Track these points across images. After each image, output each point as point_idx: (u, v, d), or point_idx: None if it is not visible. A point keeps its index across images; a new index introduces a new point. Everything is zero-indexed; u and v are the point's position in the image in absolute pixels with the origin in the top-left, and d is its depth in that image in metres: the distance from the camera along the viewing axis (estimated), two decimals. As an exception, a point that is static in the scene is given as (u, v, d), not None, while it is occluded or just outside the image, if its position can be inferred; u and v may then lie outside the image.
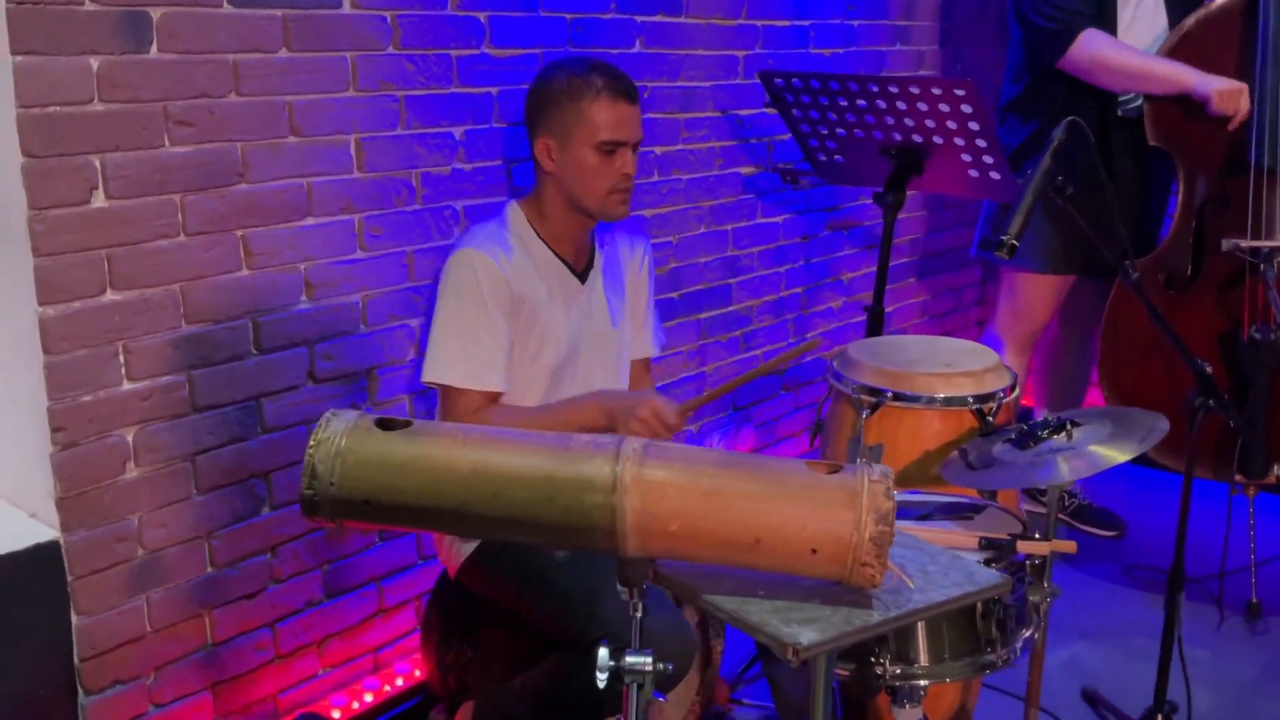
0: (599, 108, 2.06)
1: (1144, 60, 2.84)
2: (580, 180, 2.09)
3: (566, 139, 2.08)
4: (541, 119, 2.10)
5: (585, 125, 2.06)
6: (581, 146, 2.07)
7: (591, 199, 2.11)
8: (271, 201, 2.16)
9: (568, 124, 2.07)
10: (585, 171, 2.08)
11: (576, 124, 2.07)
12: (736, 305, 3.26)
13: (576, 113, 2.06)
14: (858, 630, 1.43)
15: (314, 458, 1.49)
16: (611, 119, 2.06)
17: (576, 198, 2.11)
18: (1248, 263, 2.83)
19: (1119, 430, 1.76)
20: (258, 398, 2.21)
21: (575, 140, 2.07)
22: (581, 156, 2.08)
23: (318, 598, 2.38)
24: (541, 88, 2.12)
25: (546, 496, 1.46)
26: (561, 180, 2.11)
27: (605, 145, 2.06)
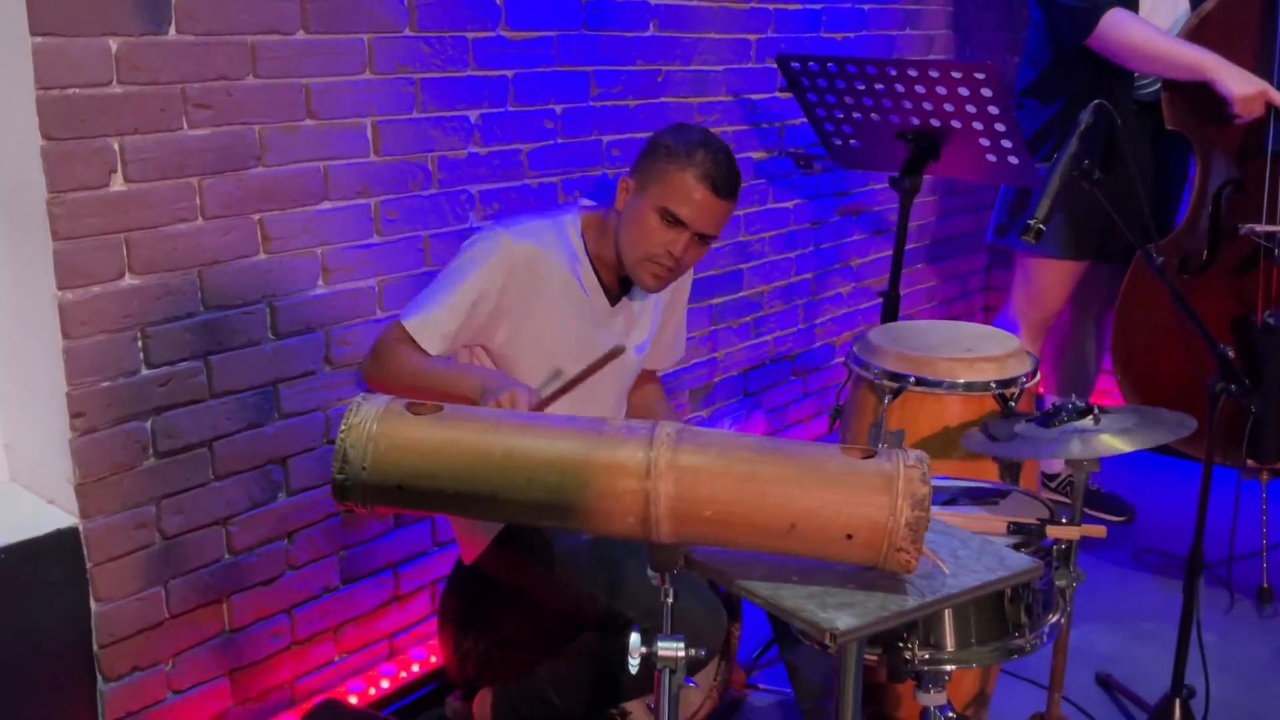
0: (685, 180, 2.01)
1: (1172, 44, 2.80)
2: (629, 231, 2.07)
3: (643, 190, 2.06)
4: (640, 161, 2.09)
5: (663, 186, 2.02)
6: (648, 201, 2.04)
7: (629, 254, 2.08)
8: (288, 185, 2.15)
9: (651, 176, 2.05)
10: (637, 226, 2.05)
11: (657, 181, 2.04)
12: (747, 291, 3.25)
13: (663, 172, 2.03)
14: (894, 615, 1.42)
15: (345, 442, 1.48)
16: (690, 197, 2.01)
17: (620, 246, 2.09)
18: (1263, 247, 2.83)
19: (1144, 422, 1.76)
20: (275, 383, 2.19)
21: (648, 194, 2.04)
22: (642, 210, 2.05)
23: (334, 584, 2.37)
24: (657, 138, 2.10)
25: (580, 481, 1.45)
26: (621, 227, 2.09)
27: (669, 214, 2.02)
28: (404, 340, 2.02)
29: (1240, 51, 2.83)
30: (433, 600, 2.58)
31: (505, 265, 2.03)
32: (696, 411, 3.17)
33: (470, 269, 2.03)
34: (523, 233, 2.07)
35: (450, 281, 2.04)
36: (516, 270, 2.04)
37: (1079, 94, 2.95)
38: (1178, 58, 2.80)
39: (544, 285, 2.08)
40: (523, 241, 2.05)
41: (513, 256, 2.03)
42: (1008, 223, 3.21)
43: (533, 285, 2.07)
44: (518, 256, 2.04)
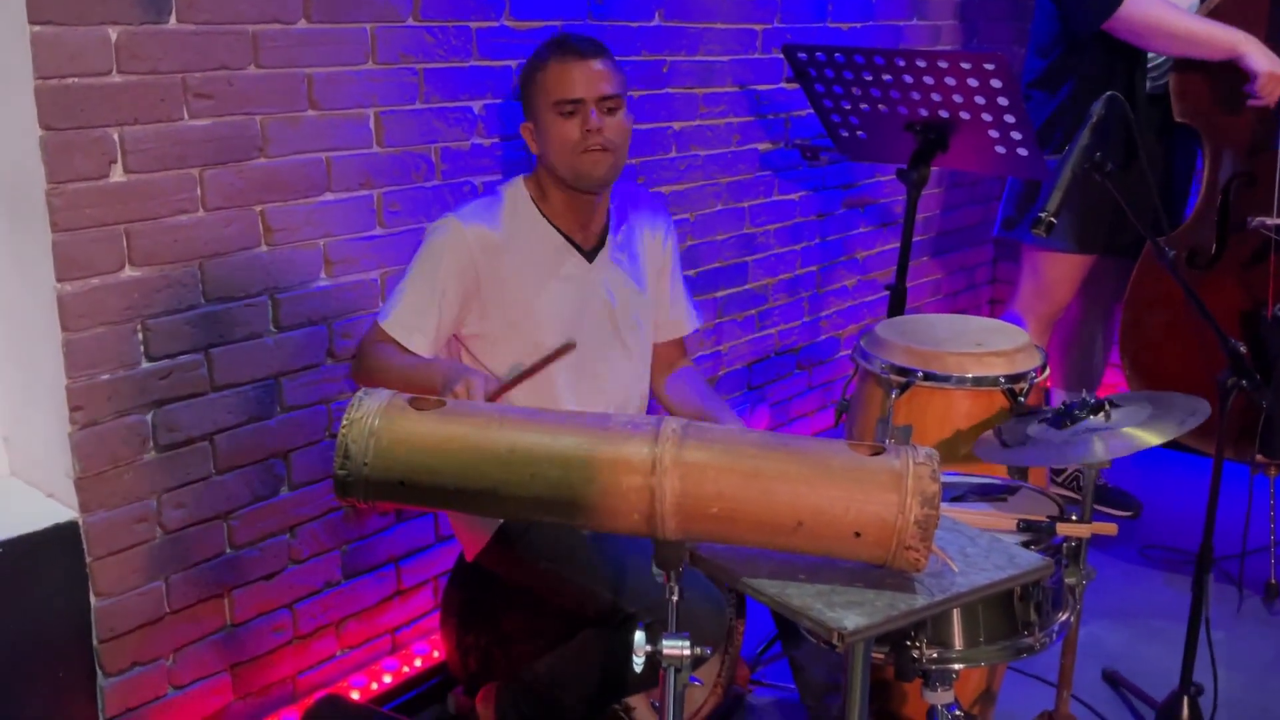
0: (548, 73, 2.05)
1: (1197, 21, 2.76)
2: (551, 151, 2.07)
3: (534, 112, 2.09)
4: (523, 104, 2.12)
5: (542, 93, 2.06)
6: (544, 116, 2.06)
7: (562, 165, 2.07)
8: (290, 176, 2.12)
9: (534, 100, 2.08)
10: (553, 140, 2.06)
11: (537, 95, 2.07)
12: (752, 284, 3.23)
13: (535, 85, 2.07)
14: (903, 615, 1.40)
15: (347, 437, 1.46)
16: (561, 79, 2.04)
17: (555, 169, 2.09)
18: (1273, 241, 2.80)
19: (1158, 413, 1.73)
20: (277, 376, 2.18)
21: (540, 110, 2.07)
22: (545, 126, 2.07)
23: (336, 578, 2.36)
24: (521, 75, 2.13)
25: (584, 478, 1.44)
26: (545, 159, 2.10)
27: (561, 106, 2.04)
28: (383, 341, 2.04)
29: None
30: (435, 595, 2.56)
31: (461, 251, 2.04)
32: (699, 405, 3.14)
33: (429, 262, 2.05)
34: (470, 215, 2.08)
35: (414, 277, 2.06)
36: (472, 253, 2.05)
37: (1089, 85, 2.92)
38: (1203, 35, 2.75)
39: (505, 260, 2.07)
40: (471, 223, 2.06)
41: (465, 240, 2.04)
42: (1015, 216, 3.18)
43: (492, 264, 2.07)
44: (470, 239, 2.04)
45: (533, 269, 2.11)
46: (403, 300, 2.05)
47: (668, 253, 2.33)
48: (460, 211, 2.09)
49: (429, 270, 2.05)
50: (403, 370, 1.98)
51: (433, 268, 2.05)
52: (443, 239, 2.06)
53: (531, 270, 2.11)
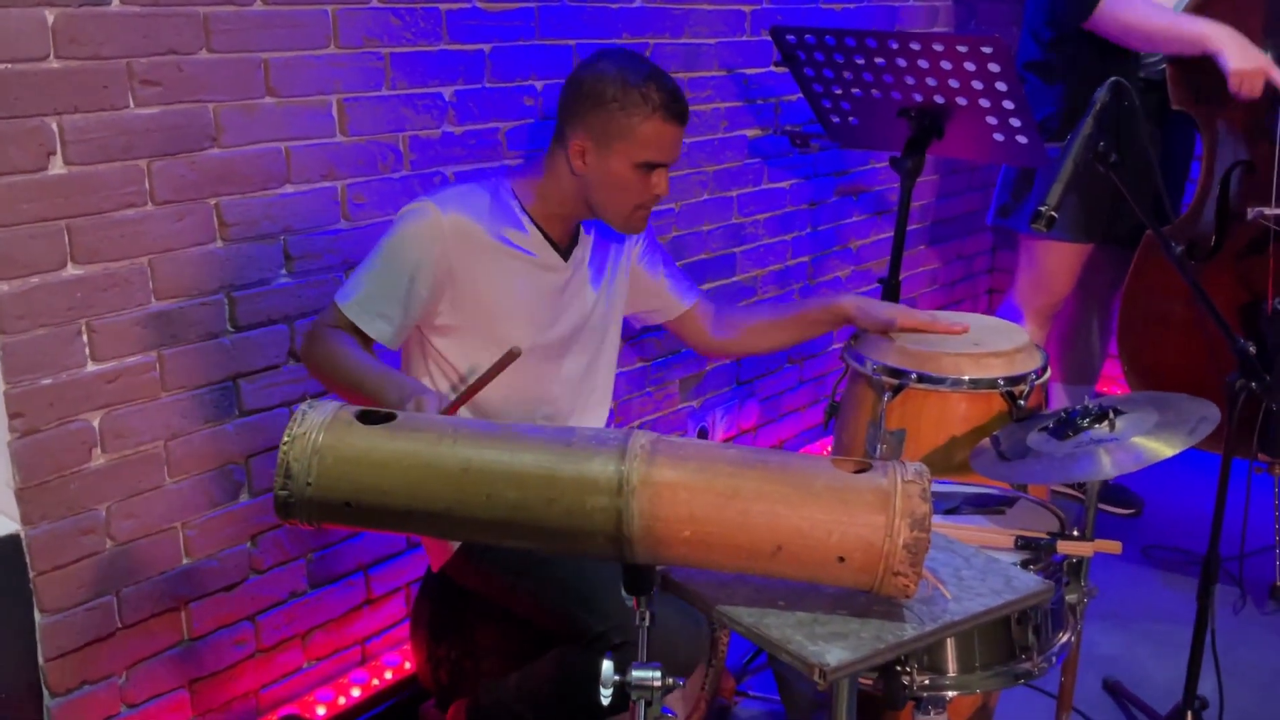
0: (651, 127, 1.90)
1: (1172, 18, 2.67)
2: (609, 193, 1.95)
3: (607, 149, 1.92)
4: (583, 117, 1.93)
5: (633, 141, 1.90)
6: (621, 160, 1.91)
7: (615, 214, 1.97)
8: (247, 167, 2.01)
9: (611, 134, 1.91)
10: (617, 186, 1.93)
11: (622, 137, 1.90)
12: (741, 276, 3.12)
13: (626, 126, 1.90)
14: (890, 648, 1.30)
15: (288, 455, 1.35)
16: (663, 141, 1.91)
17: (598, 207, 1.97)
18: (1273, 232, 2.68)
19: (1165, 420, 1.62)
20: (234, 378, 2.06)
21: (616, 152, 1.91)
22: (618, 170, 1.92)
23: (301, 588, 2.25)
24: (591, 84, 1.92)
25: (545, 498, 1.33)
26: (588, 185, 1.96)
27: (649, 165, 1.92)
28: (340, 325, 1.90)
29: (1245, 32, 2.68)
30: (407, 603, 2.45)
31: (437, 238, 1.91)
32: (687, 402, 3.04)
33: (400, 245, 1.91)
34: (450, 201, 1.94)
35: (382, 260, 1.92)
36: (448, 241, 1.91)
37: (1083, 70, 2.81)
38: (1178, 32, 2.67)
39: (481, 253, 1.95)
40: (451, 211, 1.92)
41: (442, 228, 1.91)
42: (1011, 203, 3.07)
43: (469, 255, 1.94)
44: (447, 227, 1.91)
45: (510, 266, 1.99)
46: (367, 283, 1.92)
47: (638, 248, 2.22)
48: (438, 196, 1.96)
49: (399, 254, 1.92)
50: (354, 370, 1.84)
51: (404, 252, 1.92)
52: (418, 224, 1.93)
53: (509, 267, 1.99)
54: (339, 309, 1.91)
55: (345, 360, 1.85)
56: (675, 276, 2.29)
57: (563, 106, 1.97)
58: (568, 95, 1.96)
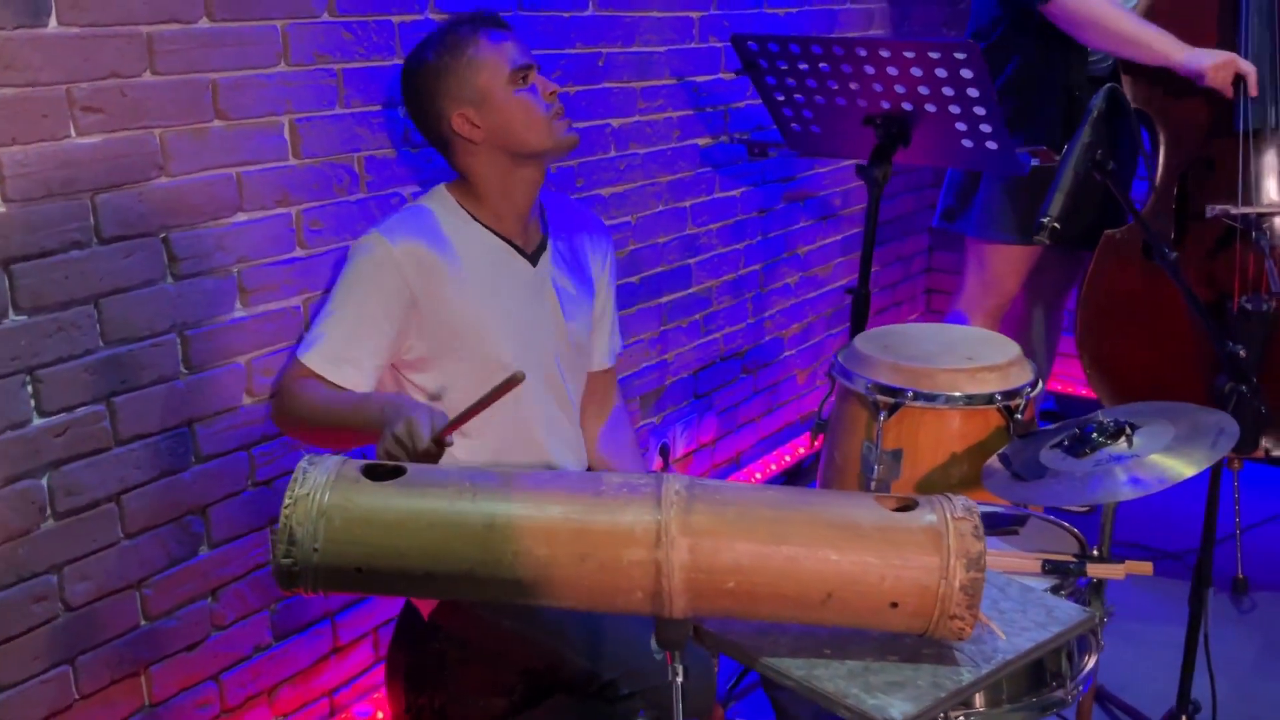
0: (487, 48, 1.87)
1: (1135, 24, 2.65)
2: (517, 124, 1.87)
3: (479, 94, 1.86)
4: (440, 94, 1.87)
5: (486, 69, 1.86)
6: (496, 92, 1.86)
7: (540, 136, 1.89)
8: (197, 197, 1.87)
9: (468, 81, 1.86)
10: (516, 112, 1.87)
11: (477, 74, 1.86)
12: (696, 287, 3.04)
13: (471, 65, 1.86)
14: (951, 695, 1.23)
15: (291, 519, 1.24)
16: (505, 50, 1.88)
17: (523, 144, 1.89)
18: (1237, 230, 2.70)
19: (1182, 434, 1.59)
20: (190, 423, 1.92)
21: (487, 91, 1.86)
22: (502, 101, 1.86)
23: (266, 641, 2.11)
24: (421, 67, 1.89)
25: (577, 554, 1.24)
26: (497, 140, 1.88)
27: (516, 78, 1.87)
28: (307, 377, 1.79)
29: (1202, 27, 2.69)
30: (375, 649, 2.33)
31: (392, 270, 1.81)
32: (648, 419, 2.96)
33: (356, 285, 1.82)
34: (397, 229, 1.85)
35: (339, 303, 1.82)
36: (405, 271, 1.81)
37: (1030, 67, 2.80)
38: (1139, 37, 2.64)
39: (442, 275, 1.85)
40: (400, 238, 1.83)
41: (395, 258, 1.81)
42: (956, 207, 3.05)
43: (430, 280, 1.84)
44: (400, 256, 1.81)
45: (477, 279, 1.89)
46: (328, 331, 1.81)
47: (606, 271, 2.14)
48: (384, 226, 1.86)
49: (357, 294, 1.82)
50: (332, 407, 1.75)
51: (361, 291, 1.82)
52: (370, 259, 1.83)
53: (475, 280, 1.89)
54: (301, 363, 1.80)
55: (320, 403, 1.75)
56: (613, 329, 2.19)
57: (421, 107, 1.91)
58: (415, 92, 1.91)
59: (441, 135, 1.90)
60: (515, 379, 1.59)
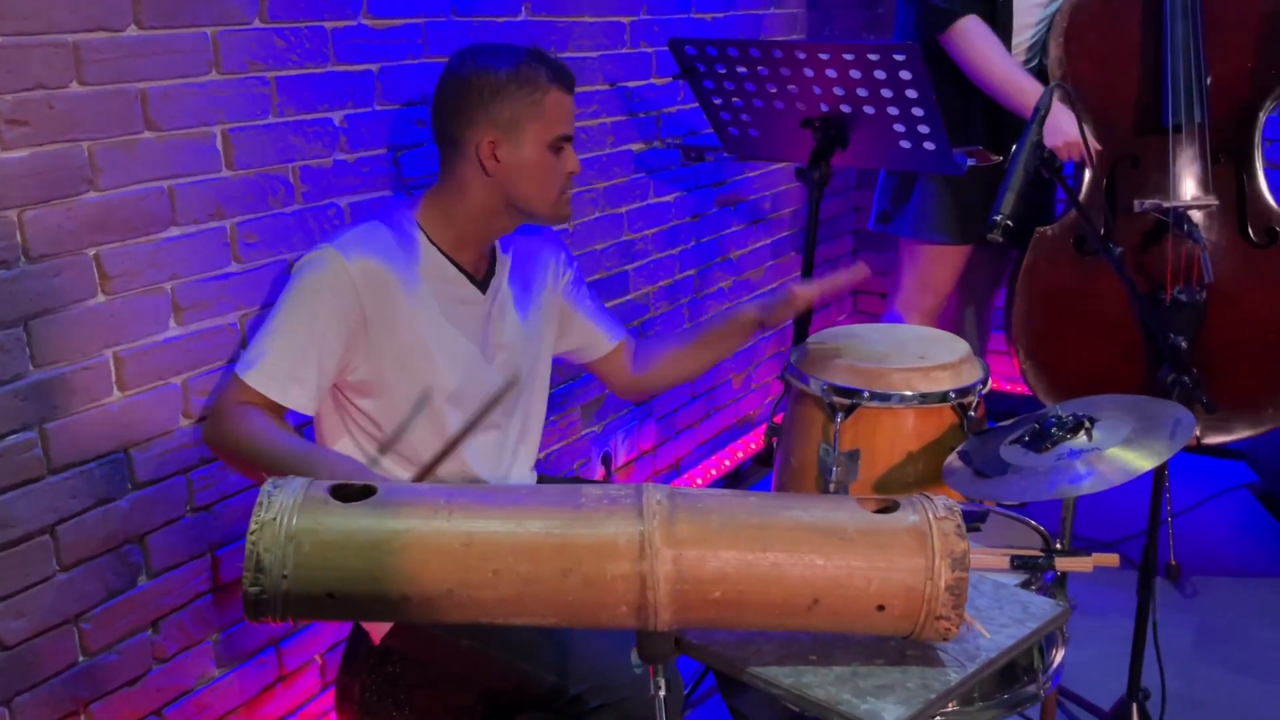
0: (554, 99, 1.81)
1: (1007, 73, 2.69)
2: (532, 182, 1.83)
3: (519, 135, 1.80)
4: (484, 112, 1.79)
5: (542, 120, 1.80)
6: (535, 143, 1.81)
7: (544, 203, 1.86)
8: (128, 211, 1.79)
9: (520, 118, 1.79)
10: (538, 171, 1.82)
11: (532, 118, 1.79)
12: (634, 293, 3.02)
13: (532, 105, 1.79)
14: (940, 696, 1.23)
15: (258, 545, 1.18)
16: (566, 112, 1.83)
17: (524, 200, 1.84)
18: (1167, 223, 2.76)
19: (1141, 426, 1.61)
20: (125, 448, 1.84)
21: (529, 136, 1.80)
22: (534, 155, 1.81)
23: (210, 673, 2.03)
24: (481, 78, 1.80)
25: (560, 569, 1.20)
26: (506, 182, 1.82)
27: (560, 140, 1.83)
28: (248, 401, 1.72)
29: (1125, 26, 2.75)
30: (322, 675, 2.26)
31: (344, 286, 1.75)
32: (589, 427, 2.93)
33: (304, 300, 1.75)
34: (352, 245, 1.78)
35: (285, 318, 1.75)
36: (357, 288, 1.75)
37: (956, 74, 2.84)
38: (1010, 87, 2.68)
39: (395, 297, 1.80)
40: (355, 255, 1.76)
41: (349, 275, 1.75)
42: (890, 210, 3.08)
43: (382, 300, 1.78)
44: (355, 273, 1.75)
45: (427, 304, 1.84)
46: (271, 348, 1.74)
47: (564, 281, 2.11)
48: (338, 241, 1.79)
49: (306, 310, 1.75)
50: (274, 454, 1.64)
51: (310, 307, 1.75)
52: (320, 273, 1.76)
53: (425, 305, 1.84)
54: (243, 382, 1.72)
55: (261, 443, 1.66)
56: (601, 312, 2.18)
57: (453, 112, 1.83)
58: (456, 98, 1.83)
59: (459, 145, 1.83)
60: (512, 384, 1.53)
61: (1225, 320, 2.76)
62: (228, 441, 1.71)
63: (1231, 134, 2.78)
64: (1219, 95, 2.76)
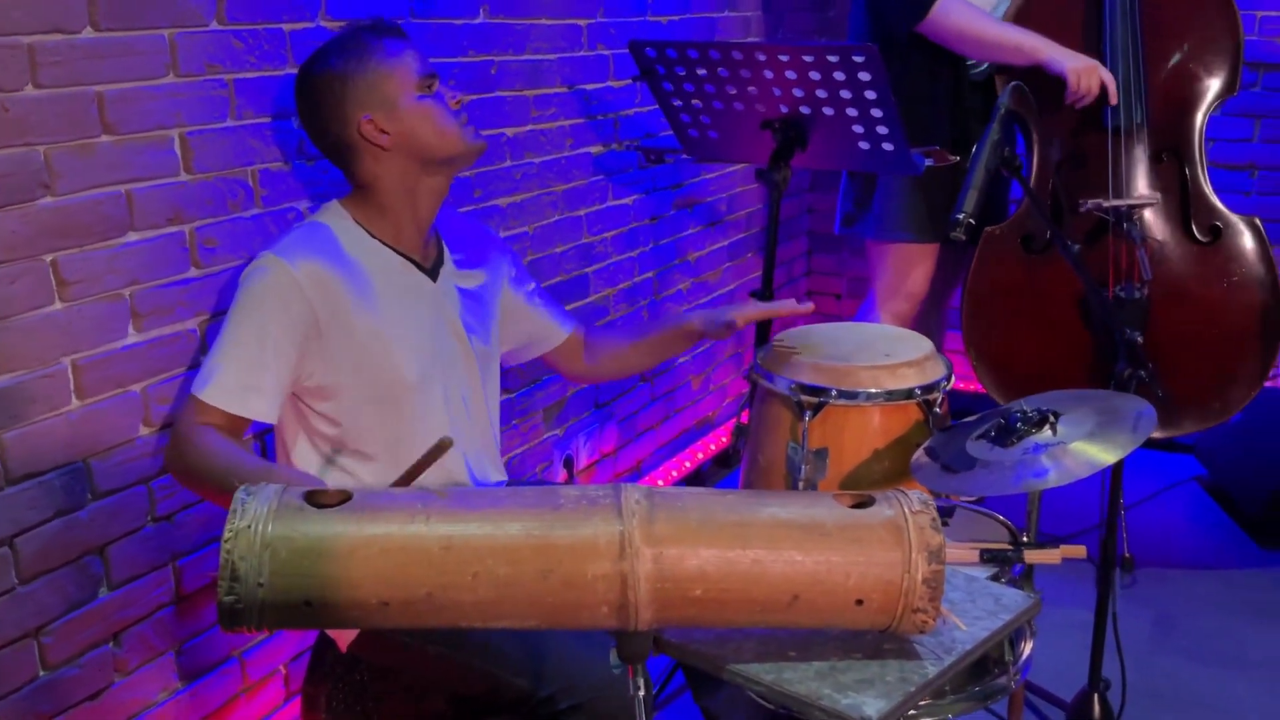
0: (390, 53, 1.83)
1: (1001, 28, 2.78)
2: (427, 128, 1.83)
3: (388, 100, 1.81)
4: (348, 99, 1.80)
5: (395, 74, 1.81)
6: (406, 96, 1.82)
7: (449, 140, 1.85)
8: (85, 216, 1.76)
9: (376, 85, 1.80)
10: (425, 118, 1.82)
11: (385, 77, 1.81)
12: (594, 296, 3.02)
13: (377, 68, 1.81)
14: (919, 689, 1.24)
15: (233, 554, 1.17)
16: (410, 58, 1.84)
17: (432, 149, 1.84)
18: (1110, 222, 2.82)
19: (1104, 420, 1.64)
20: (85, 458, 1.80)
21: (395, 94, 1.81)
22: (411, 107, 1.82)
23: (173, 685, 2.00)
24: (326, 76, 1.81)
25: (540, 571, 1.20)
26: (406, 145, 1.83)
27: (424, 81, 1.84)
28: (207, 422, 1.69)
29: (1068, 29, 2.81)
30: (286, 685, 2.23)
31: (292, 292, 1.73)
32: (551, 430, 2.92)
33: (253, 310, 1.73)
34: (294, 249, 1.77)
35: (235, 331, 1.73)
36: (306, 293, 1.74)
37: (915, 75, 2.87)
38: (1008, 41, 2.77)
39: (347, 294, 1.78)
40: (300, 259, 1.75)
41: (296, 280, 1.73)
42: (855, 212, 3.10)
43: (333, 303, 1.77)
44: (301, 278, 1.74)
45: (378, 297, 1.83)
46: (224, 363, 1.71)
47: (511, 276, 2.11)
48: (280, 247, 1.77)
49: (255, 321, 1.72)
50: (234, 474, 1.59)
51: (260, 317, 1.73)
52: (266, 282, 1.74)
53: (378, 299, 1.83)
54: (200, 401, 1.70)
55: (221, 463, 1.63)
56: (551, 304, 2.19)
57: (324, 120, 1.84)
58: (317, 106, 1.84)
59: (345, 142, 1.83)
60: (442, 445, 1.51)
61: (1172, 316, 2.82)
62: (187, 465, 1.69)
63: (1174, 133, 2.84)
64: (1160, 96, 2.82)
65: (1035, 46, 2.75)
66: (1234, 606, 2.89)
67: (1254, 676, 2.61)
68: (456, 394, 1.95)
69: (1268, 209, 3.66)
